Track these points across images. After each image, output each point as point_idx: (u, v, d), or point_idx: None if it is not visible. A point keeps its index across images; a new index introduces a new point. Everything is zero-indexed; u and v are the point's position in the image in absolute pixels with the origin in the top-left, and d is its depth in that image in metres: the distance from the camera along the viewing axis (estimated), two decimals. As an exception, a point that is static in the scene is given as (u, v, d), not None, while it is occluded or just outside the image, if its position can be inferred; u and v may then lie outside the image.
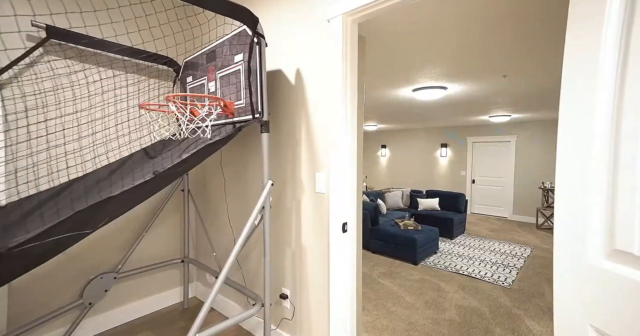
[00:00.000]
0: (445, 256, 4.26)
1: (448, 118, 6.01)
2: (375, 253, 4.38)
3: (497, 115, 5.36)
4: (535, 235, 5.45)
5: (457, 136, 7.57)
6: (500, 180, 6.97)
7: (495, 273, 3.65)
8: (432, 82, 2.91)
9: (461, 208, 5.56)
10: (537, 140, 6.36)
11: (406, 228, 4.24)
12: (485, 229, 5.88)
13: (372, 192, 5.76)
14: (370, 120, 6.38)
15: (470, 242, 5.01)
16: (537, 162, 6.43)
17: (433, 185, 8.04)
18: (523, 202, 6.61)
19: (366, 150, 9.45)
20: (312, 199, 1.62)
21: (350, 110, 1.49)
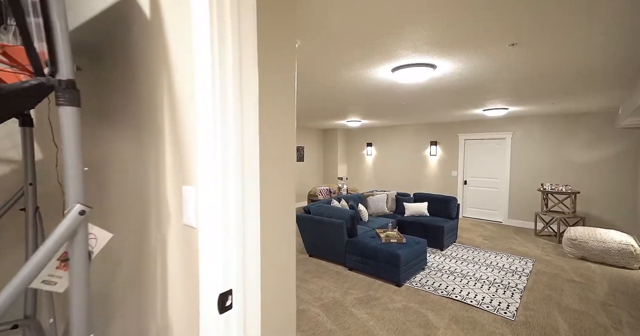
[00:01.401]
0: (435, 274, 3.59)
1: (437, 112, 5.35)
2: (353, 271, 3.67)
3: (493, 108, 4.73)
4: (534, 243, 4.84)
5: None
6: (495, 181, 6.37)
7: (495, 298, 2.99)
8: (416, 57, 2.21)
9: (452, 213, 4.91)
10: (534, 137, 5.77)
11: (388, 240, 3.55)
12: (479, 236, 5.25)
13: (352, 196, 5.05)
14: (352, 114, 5.67)
15: (462, 253, 4.36)
16: (535, 161, 5.84)
17: (422, 187, 7.41)
18: (519, 206, 6.02)
19: (350, 148, 8.77)
20: (179, 236, 0.88)
21: (237, 81, 0.77)
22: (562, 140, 5.52)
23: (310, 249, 4.13)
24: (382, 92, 3.51)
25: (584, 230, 4.21)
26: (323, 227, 3.85)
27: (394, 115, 5.69)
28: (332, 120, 6.52)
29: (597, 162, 5.18)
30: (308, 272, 3.58)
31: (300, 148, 8.07)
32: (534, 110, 5.10)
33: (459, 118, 6.14)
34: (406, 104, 4.42)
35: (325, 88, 3.36)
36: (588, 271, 3.66)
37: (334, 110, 5.03)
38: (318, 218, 3.88)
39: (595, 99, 4.02)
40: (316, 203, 4.15)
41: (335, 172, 8.61)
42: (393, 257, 3.25)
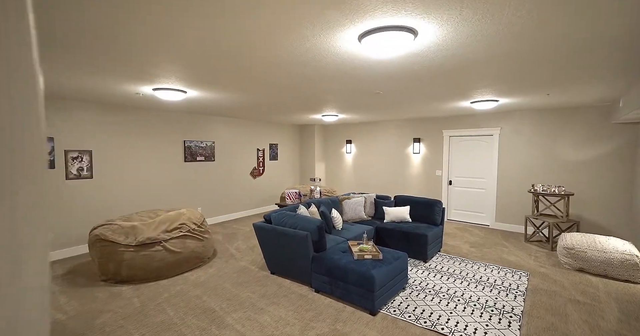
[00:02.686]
0: (417, 295, 3.01)
1: (421, 105, 4.79)
2: (320, 293, 3.04)
3: (483, 100, 4.21)
4: (526, 251, 4.37)
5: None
6: (481, 182, 5.91)
7: (490, 329, 2.43)
8: (390, 14, 1.59)
9: (437, 219, 4.36)
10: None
11: (362, 257, 2.93)
12: (466, 243, 4.74)
13: (325, 200, 4.42)
14: (327, 107, 5.03)
15: (448, 265, 3.81)
16: (524, 160, 5.40)
17: (405, 188, 6.88)
18: (507, 208, 5.57)
19: (329, 146, 8.14)
20: None
21: None
22: (554, 136, 5.09)
23: (271, 266, 3.47)
24: (352, 74, 2.87)
25: (581, 238, 3.75)
26: (285, 239, 3.19)
27: (374, 109, 5.09)
28: (305, 114, 5.85)
29: (592, 160, 4.77)
30: (265, 296, 2.91)
31: (273, 145, 7.37)
32: (525, 104, 4.62)
33: (444, 112, 5.62)
34: (384, 94, 3.81)
35: (277, 71, 2.69)
36: (590, 287, 3.18)
37: (302, 101, 4.36)
38: (280, 229, 3.22)
39: (596, 88, 3.55)
40: (279, 211, 3.48)
41: (313, 171, 7.96)
42: (366, 280, 2.63)
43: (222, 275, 3.37)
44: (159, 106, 4.76)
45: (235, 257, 4.00)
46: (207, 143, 5.75)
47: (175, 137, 5.25)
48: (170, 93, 3.32)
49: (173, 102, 4.20)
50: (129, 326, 2.30)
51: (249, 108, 4.98)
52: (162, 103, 4.51)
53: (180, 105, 4.63)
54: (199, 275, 3.38)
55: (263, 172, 7.12)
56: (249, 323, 2.45)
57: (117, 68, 2.59)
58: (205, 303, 2.73)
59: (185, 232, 3.43)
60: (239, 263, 3.77)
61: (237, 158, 6.46)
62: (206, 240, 3.74)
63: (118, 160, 4.51)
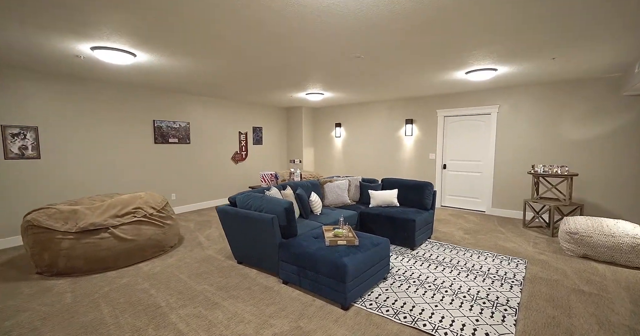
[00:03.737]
0: (400, 286, 2.63)
1: (410, 77, 4.33)
2: (288, 285, 2.66)
3: (479, 68, 3.74)
4: (524, 237, 3.99)
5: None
6: (478, 165, 5.50)
7: (480, 325, 2.06)
8: None
9: (427, 203, 3.97)
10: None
11: (334, 243, 2.54)
12: (459, 230, 4.36)
13: (304, 183, 4.01)
14: (308, 82, 4.56)
15: (438, 253, 3.44)
16: (524, 140, 4.97)
17: (397, 173, 6.47)
18: (505, 193, 5.18)
19: (317, 129, 7.68)
20: None
21: None
22: (556, 113, 4.65)
23: (238, 254, 3.08)
24: (321, 28, 2.41)
25: (586, 221, 3.37)
26: (249, 224, 2.79)
27: (360, 83, 4.63)
28: (288, 91, 5.38)
29: (597, 138, 4.35)
30: (224, 289, 2.53)
31: (257, 129, 6.91)
32: (526, 75, 4.16)
33: (438, 88, 5.15)
34: (367, 60, 3.34)
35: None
36: (596, 276, 2.81)
37: (277, 71, 3.90)
38: (244, 212, 2.82)
39: (608, 49, 3.09)
40: (245, 193, 3.07)
41: (301, 157, 7.54)
42: (337, 269, 2.25)
43: (181, 266, 2.99)
44: (118, 78, 4.29)
45: (202, 246, 3.62)
46: (180, 124, 5.30)
47: (143, 116, 4.79)
48: (115, 55, 2.85)
49: (124, 69, 3.70)
50: (44, 329, 1.92)
51: (220, 84, 4.51)
52: (119, 74, 4.04)
53: (138, 77, 4.16)
54: (155, 265, 2.99)
55: (246, 157, 6.69)
56: (195, 321, 2.07)
57: (46, 14, 2.13)
58: (151, 298, 2.35)
59: (140, 217, 3.03)
60: (205, 252, 3.38)
61: (216, 142, 6.02)
62: (168, 227, 3.35)
63: (73, 139, 4.06)
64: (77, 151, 4.11)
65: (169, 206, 3.59)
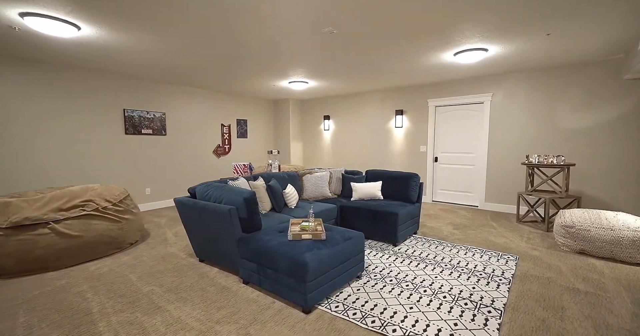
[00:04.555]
0: (373, 286, 2.35)
1: (393, 58, 4.04)
2: (249, 285, 2.38)
3: (469, 48, 3.44)
4: (517, 232, 3.71)
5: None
6: (470, 157, 5.21)
7: (458, 329, 1.77)
8: None
9: (413, 196, 3.68)
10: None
11: (298, 237, 2.25)
12: (449, 225, 4.08)
13: (279, 175, 3.71)
14: (287, 67, 4.26)
15: (422, 249, 3.15)
16: (519, 130, 4.68)
17: (386, 166, 6.18)
18: (499, 186, 4.90)
19: (306, 122, 7.38)
20: None
21: None
22: (553, 101, 4.36)
23: (199, 251, 2.79)
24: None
25: (582, 214, 3.09)
26: (207, 217, 2.51)
27: (345, 70, 4.33)
28: (268, 79, 5.08)
29: (596, 126, 4.06)
30: (174, 291, 2.25)
31: (241, 121, 6.61)
32: (520, 57, 3.86)
33: (427, 75, 4.85)
34: (342, 35, 3.05)
35: None
36: (594, 273, 2.53)
37: (246, 52, 3.60)
38: (201, 204, 2.53)
39: (609, 23, 2.80)
40: (206, 183, 2.78)
41: (288, 151, 7.24)
42: (297, 266, 1.96)
43: (135, 265, 2.70)
44: (72, 59, 4.00)
45: (168, 242, 3.33)
46: (155, 114, 5.00)
47: (111, 104, 4.48)
48: (53, 26, 2.53)
49: (71, 47, 3.38)
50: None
51: (187, 68, 4.21)
52: (67, 52, 3.74)
53: (96, 59, 3.86)
54: (105, 264, 2.70)
55: (229, 151, 6.39)
56: (127, 329, 1.78)
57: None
58: (84, 303, 2.06)
59: (90, 211, 2.74)
60: (167, 250, 3.10)
61: (196, 134, 5.72)
62: (126, 222, 3.06)
63: (26, 127, 3.76)
64: (31, 140, 3.82)
65: (130, 199, 3.30)
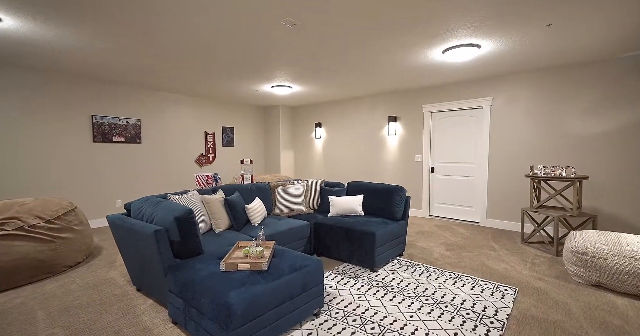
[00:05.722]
0: (330, 328, 1.88)
1: (373, 54, 3.66)
2: (177, 326, 1.95)
3: (457, 44, 3.02)
4: (520, 256, 3.18)
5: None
6: (470, 168, 4.71)
7: None
8: None
9: (397, 212, 3.21)
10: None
11: (234, 268, 1.82)
12: (442, 245, 3.57)
13: (243, 187, 3.31)
14: (262, 68, 3.93)
15: (404, 276, 2.66)
16: (523, 137, 4.18)
17: (379, 178, 5.71)
18: (502, 200, 4.37)
19: (297, 130, 7.02)
20: None
21: None
22: (560, 104, 3.86)
23: (134, 279, 2.39)
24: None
25: (598, 237, 2.56)
26: (135, 239, 2.11)
27: (325, 71, 3.96)
28: (246, 83, 4.77)
29: (613, 132, 3.53)
30: (81, 334, 1.84)
31: (227, 129, 6.30)
32: (520, 56, 3.41)
33: (420, 78, 4.43)
34: (306, 28, 2.68)
35: None
36: (614, 316, 2.00)
37: (202, 48, 3.28)
38: (129, 223, 2.14)
39: (626, 12, 2.35)
40: (143, 198, 2.40)
41: (278, 161, 6.87)
42: (220, 308, 1.53)
43: (55, 296, 2.30)
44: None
45: (113, 265, 2.94)
46: (128, 121, 4.72)
47: (77, 109, 4.21)
48: None
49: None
50: None
51: (144, 70, 3.92)
52: (16, 54, 3.49)
53: (41, 57, 3.61)
54: (20, 295, 2.30)
55: (213, 160, 6.06)
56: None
57: None
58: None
59: (11, 231, 2.39)
60: (107, 275, 2.70)
61: (176, 142, 5.42)
62: (63, 242, 2.70)
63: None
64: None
65: (75, 214, 2.94)
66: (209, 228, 2.69)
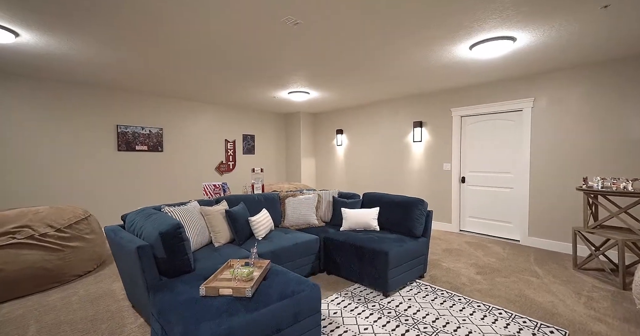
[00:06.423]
0: (323, 371, 1.60)
1: (392, 54, 3.36)
2: (159, 349, 1.79)
3: (486, 38, 2.63)
4: (573, 286, 2.63)
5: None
6: (507, 178, 4.15)
7: None
8: None
9: (417, 228, 2.84)
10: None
11: (214, 293, 1.62)
12: (472, 266, 3.10)
13: (250, 197, 3.14)
14: (277, 73, 3.81)
15: (422, 304, 2.29)
16: (573, 143, 3.58)
17: (402, 188, 5.29)
18: (548, 216, 3.76)
19: (318, 138, 6.83)
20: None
21: None
22: (619, 103, 3.25)
23: (129, 294, 2.30)
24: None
25: (680, 270, 1.99)
26: (123, 254, 2.01)
27: (343, 75, 3.74)
28: (263, 90, 4.69)
29: (693, 136, 2.86)
30: (67, 349, 1.74)
31: (248, 137, 6.29)
32: (566, 49, 2.91)
33: (446, 78, 4.03)
34: (311, 26, 2.48)
35: None
36: None
37: (208, 51, 3.21)
38: (119, 237, 2.05)
39: None
40: (139, 210, 2.32)
41: (299, 169, 6.72)
42: (186, 343, 1.33)
43: (54, 308, 2.26)
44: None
45: (118, 277, 2.91)
46: (151, 129, 4.86)
47: (103, 119, 4.40)
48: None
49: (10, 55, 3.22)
50: None
51: (165, 78, 3.97)
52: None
53: (48, 66, 3.77)
54: (23, 305, 2.30)
55: (234, 168, 6.06)
56: None
57: None
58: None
59: (22, 239, 2.43)
60: (110, 286, 2.66)
61: (196, 150, 5.49)
62: (72, 251, 2.71)
63: (15, 144, 3.74)
64: (14, 157, 3.79)
65: (87, 223, 2.98)
66: (208, 241, 2.55)
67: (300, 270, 2.77)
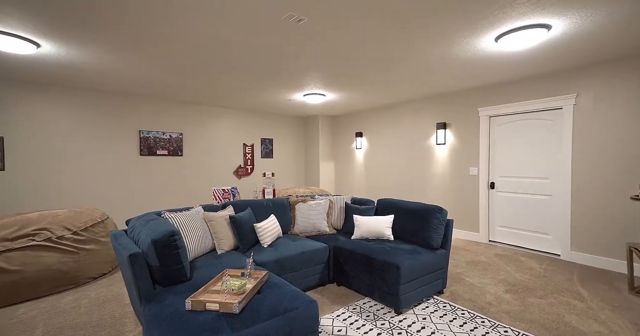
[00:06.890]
0: None
1: (410, 54, 3.12)
2: (150, 362, 1.72)
3: (515, 27, 2.34)
4: (627, 313, 2.23)
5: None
6: (544, 184, 3.71)
7: None
8: None
9: (435, 239, 2.57)
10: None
11: (201, 307, 1.52)
12: (501, 283, 2.76)
13: (258, 203, 3.05)
14: (303, 79, 3.73)
15: (438, 325, 2.04)
16: (623, 146, 3.11)
17: (424, 194, 4.96)
18: (594, 228, 3.29)
19: (337, 141, 6.66)
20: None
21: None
22: (685, 97, 2.75)
23: (131, 301, 2.28)
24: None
25: None
26: (121, 262, 1.99)
27: (359, 75, 3.57)
28: (277, 93, 4.64)
29: None
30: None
31: (266, 140, 6.29)
32: (614, 33, 2.52)
33: (470, 76, 3.71)
34: (310, 20, 2.35)
35: None
36: None
37: (212, 53, 3.18)
38: (117, 243, 2.03)
39: None
40: (141, 216, 2.30)
41: (317, 173, 6.59)
42: (162, 363, 1.23)
43: (64, 311, 2.31)
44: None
45: (132, 277, 2.95)
46: (171, 134, 4.99)
47: (127, 125, 4.58)
48: (8, 42, 2.45)
49: (29, 63, 3.21)
50: None
51: (170, 84, 4.02)
52: (32, 69, 3.87)
53: (60, 71, 3.93)
54: (38, 307, 2.36)
55: (252, 172, 6.07)
56: None
57: None
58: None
59: (41, 241, 2.53)
60: (119, 291, 2.68)
61: (215, 155, 5.57)
62: (87, 254, 2.79)
63: (44, 150, 3.97)
64: (47, 163, 4.02)
65: (104, 226, 3.06)
66: (211, 248, 2.49)
67: (308, 280, 2.62)
